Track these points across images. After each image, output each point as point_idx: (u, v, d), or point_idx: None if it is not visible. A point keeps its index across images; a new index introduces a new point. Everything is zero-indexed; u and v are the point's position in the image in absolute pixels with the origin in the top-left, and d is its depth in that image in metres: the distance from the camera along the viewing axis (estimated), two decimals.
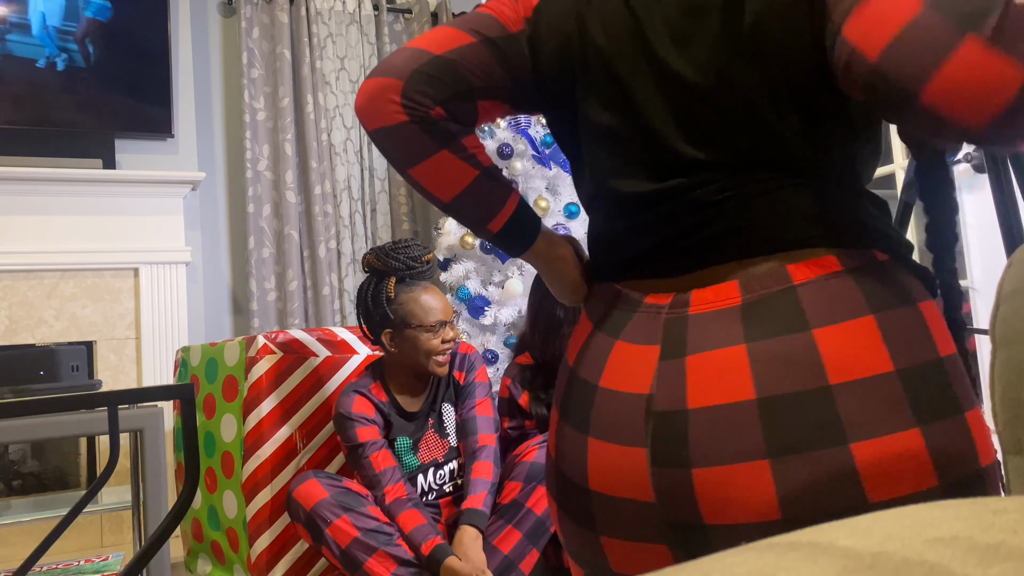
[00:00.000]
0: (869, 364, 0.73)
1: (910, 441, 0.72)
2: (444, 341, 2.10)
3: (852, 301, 0.77)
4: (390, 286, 2.09)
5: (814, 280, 0.77)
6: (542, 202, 3.16)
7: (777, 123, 0.79)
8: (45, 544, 1.18)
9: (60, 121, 3.24)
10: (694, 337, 0.79)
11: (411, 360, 2.11)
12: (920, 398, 0.73)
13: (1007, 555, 0.29)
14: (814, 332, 0.75)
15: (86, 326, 3.20)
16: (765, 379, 0.74)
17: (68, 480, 3.29)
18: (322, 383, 2.34)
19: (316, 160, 3.57)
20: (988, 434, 0.76)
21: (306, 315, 3.53)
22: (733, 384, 0.75)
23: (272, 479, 2.22)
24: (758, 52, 0.79)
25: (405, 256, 2.11)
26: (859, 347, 0.74)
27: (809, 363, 0.74)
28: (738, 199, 0.81)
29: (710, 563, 0.31)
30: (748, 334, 0.76)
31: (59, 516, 2.48)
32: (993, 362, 0.70)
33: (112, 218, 3.26)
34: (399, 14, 3.96)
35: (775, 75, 0.79)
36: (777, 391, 0.74)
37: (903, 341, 0.75)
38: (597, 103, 0.89)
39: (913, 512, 0.35)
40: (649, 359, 0.81)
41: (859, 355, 0.74)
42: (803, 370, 0.74)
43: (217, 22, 3.71)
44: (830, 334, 0.75)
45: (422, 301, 2.08)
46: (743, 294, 0.79)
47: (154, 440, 2.07)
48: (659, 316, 0.82)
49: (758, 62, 0.79)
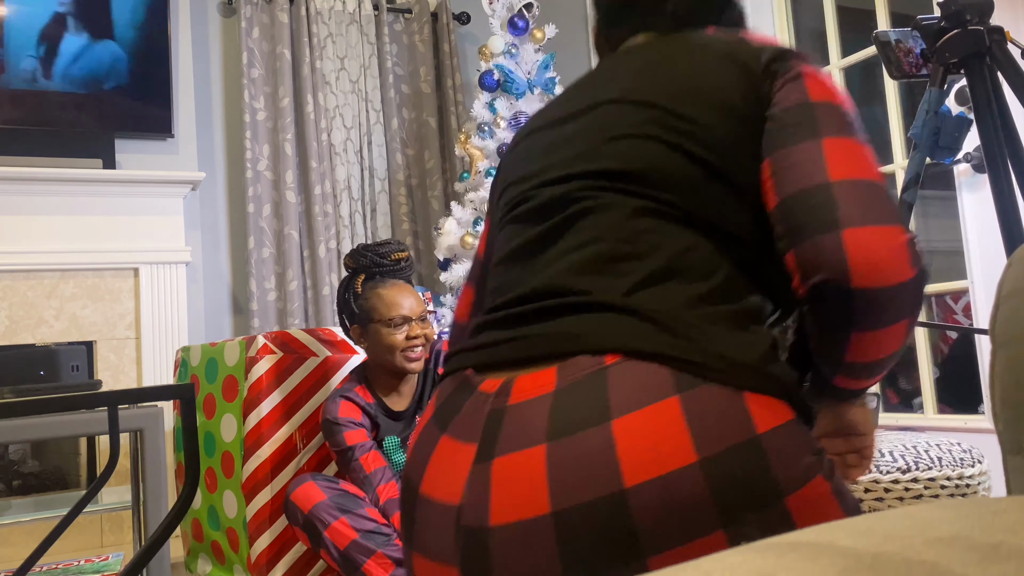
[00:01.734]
0: (668, 456, 0.68)
1: (713, 548, 0.67)
2: (410, 337, 2.09)
3: (659, 380, 0.71)
4: (358, 283, 2.12)
5: (623, 361, 0.73)
6: None
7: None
8: (45, 544, 1.18)
9: (60, 121, 3.24)
10: (506, 435, 0.74)
11: (380, 357, 2.11)
12: (726, 491, 0.67)
13: (1007, 555, 0.29)
14: (613, 423, 0.69)
15: (86, 326, 3.20)
16: (560, 488, 0.69)
17: (68, 480, 3.29)
18: (322, 383, 2.34)
19: (316, 160, 3.57)
20: (825, 511, 0.71)
21: (306, 315, 3.53)
22: (530, 495, 0.70)
23: (272, 479, 2.22)
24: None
25: (373, 253, 2.13)
26: (659, 436, 0.68)
27: (605, 463, 0.68)
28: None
29: (710, 563, 0.31)
30: (551, 430, 0.71)
31: (59, 516, 2.48)
32: (993, 362, 0.70)
33: (112, 218, 3.26)
34: (399, 14, 3.96)
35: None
36: (571, 502, 0.68)
37: (710, 422, 0.69)
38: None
39: (913, 512, 0.35)
40: (465, 461, 0.76)
41: (658, 446, 0.68)
42: (599, 472, 0.68)
43: (217, 22, 3.71)
44: (629, 424, 0.69)
45: (384, 296, 2.08)
46: (558, 381, 0.74)
47: (154, 440, 2.07)
48: (484, 407, 0.77)
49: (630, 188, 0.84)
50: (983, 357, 2.35)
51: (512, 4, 3.38)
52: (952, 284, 2.48)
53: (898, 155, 2.61)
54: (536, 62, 3.37)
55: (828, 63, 2.81)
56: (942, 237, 2.75)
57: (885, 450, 1.62)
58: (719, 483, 0.67)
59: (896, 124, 2.61)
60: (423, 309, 2.13)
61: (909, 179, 1.43)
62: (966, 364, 2.64)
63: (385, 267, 2.13)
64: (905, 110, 2.62)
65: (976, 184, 2.35)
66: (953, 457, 1.61)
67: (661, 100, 0.86)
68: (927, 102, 1.43)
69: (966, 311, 2.68)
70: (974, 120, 1.41)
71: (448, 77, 3.92)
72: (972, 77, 1.39)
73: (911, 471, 1.56)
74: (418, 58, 3.89)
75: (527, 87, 3.30)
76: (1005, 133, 1.36)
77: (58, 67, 3.24)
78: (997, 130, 1.36)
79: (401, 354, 2.08)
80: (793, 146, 0.81)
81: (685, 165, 0.83)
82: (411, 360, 2.09)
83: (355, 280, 2.13)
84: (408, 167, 3.83)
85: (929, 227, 2.87)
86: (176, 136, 3.53)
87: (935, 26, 1.42)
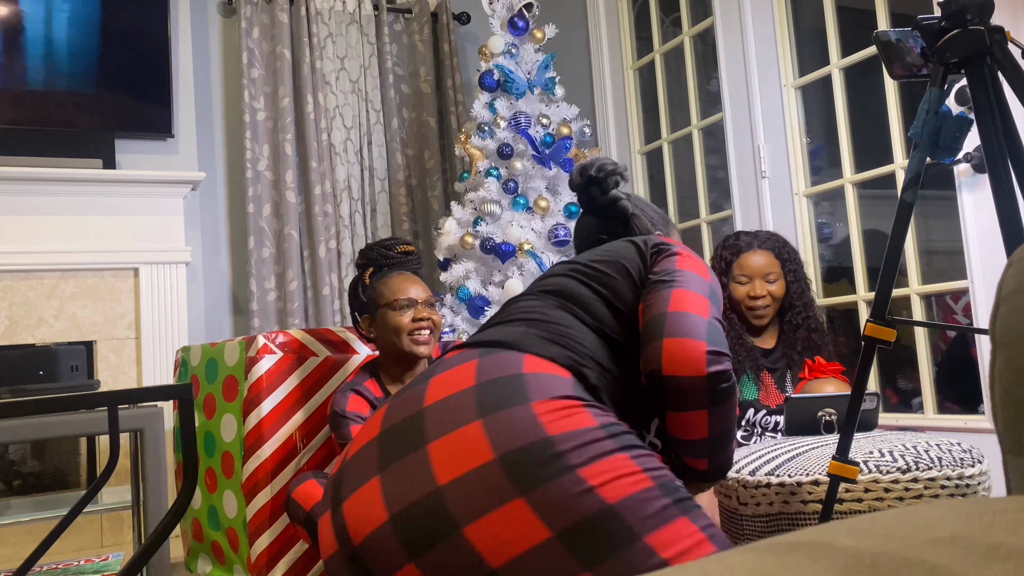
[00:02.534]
0: (577, 423, 1.09)
1: (608, 453, 1.08)
2: (417, 319, 2.11)
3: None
4: (367, 275, 2.19)
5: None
6: (542, 202, 3.16)
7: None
8: (45, 544, 1.18)
9: (60, 121, 3.24)
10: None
11: (390, 344, 2.13)
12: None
13: (1007, 555, 0.29)
14: (532, 404, 1.09)
15: (86, 326, 3.20)
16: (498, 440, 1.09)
17: (68, 480, 3.29)
18: (322, 383, 2.34)
19: (316, 160, 3.57)
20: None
21: (306, 315, 3.53)
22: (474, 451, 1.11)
23: (272, 479, 2.22)
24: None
25: (380, 247, 2.21)
26: (564, 409, 1.11)
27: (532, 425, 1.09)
28: None
29: (710, 563, 0.31)
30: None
31: (59, 516, 2.48)
32: (993, 362, 0.70)
33: (112, 218, 3.26)
34: (399, 14, 3.96)
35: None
36: (511, 447, 1.07)
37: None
38: None
39: (913, 512, 0.35)
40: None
41: (567, 417, 1.09)
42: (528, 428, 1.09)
43: (217, 22, 3.71)
44: (545, 405, 1.10)
45: (390, 282, 2.14)
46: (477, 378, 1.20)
47: (154, 440, 2.07)
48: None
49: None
50: (983, 357, 2.35)
51: (512, 4, 3.38)
52: (952, 284, 2.48)
53: (898, 155, 2.61)
54: (536, 62, 3.37)
55: (828, 63, 2.81)
56: (942, 237, 2.74)
57: (885, 450, 1.62)
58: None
59: (896, 124, 2.61)
60: (429, 295, 2.17)
61: (909, 179, 1.43)
62: (965, 364, 2.64)
63: (392, 259, 2.20)
64: (905, 110, 2.62)
65: (976, 184, 2.34)
66: (953, 457, 1.61)
67: (583, 260, 1.41)
68: (927, 102, 1.42)
69: (966, 311, 2.68)
70: (974, 120, 1.41)
71: (448, 77, 3.92)
72: (972, 77, 1.39)
73: (911, 471, 1.56)
74: (418, 58, 3.89)
75: (527, 87, 3.30)
76: (1005, 133, 1.36)
77: (58, 67, 3.24)
78: (997, 130, 1.36)
79: (408, 337, 2.10)
80: (656, 292, 1.28)
81: (588, 292, 1.34)
82: (419, 343, 2.12)
83: (364, 273, 2.20)
84: (408, 167, 3.83)
85: (929, 227, 2.87)
86: (176, 136, 3.53)
87: (935, 26, 1.42)
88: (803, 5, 2.98)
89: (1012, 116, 1.38)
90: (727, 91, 3.13)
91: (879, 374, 2.86)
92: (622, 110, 3.74)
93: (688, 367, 1.17)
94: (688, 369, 1.17)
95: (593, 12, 3.86)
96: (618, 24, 3.76)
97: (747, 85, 3.04)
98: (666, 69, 3.57)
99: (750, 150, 3.03)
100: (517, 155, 3.21)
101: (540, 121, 3.25)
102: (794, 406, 1.95)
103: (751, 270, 2.42)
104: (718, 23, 3.16)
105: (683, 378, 1.17)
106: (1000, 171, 1.35)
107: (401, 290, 2.12)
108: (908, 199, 1.43)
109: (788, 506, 1.61)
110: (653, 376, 1.20)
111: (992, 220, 2.24)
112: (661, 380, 1.19)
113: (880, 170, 2.67)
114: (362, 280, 2.19)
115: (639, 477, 1.03)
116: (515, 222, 3.10)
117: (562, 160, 3.24)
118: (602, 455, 1.03)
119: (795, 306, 2.46)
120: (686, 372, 1.17)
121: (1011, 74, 1.34)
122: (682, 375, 1.17)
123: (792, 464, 1.65)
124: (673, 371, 1.17)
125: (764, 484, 1.63)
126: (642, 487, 1.02)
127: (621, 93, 3.75)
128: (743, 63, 3.05)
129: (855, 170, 2.77)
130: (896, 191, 2.56)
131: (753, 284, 2.42)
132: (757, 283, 2.42)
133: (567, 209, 3.19)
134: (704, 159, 3.38)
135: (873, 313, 1.43)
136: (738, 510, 1.69)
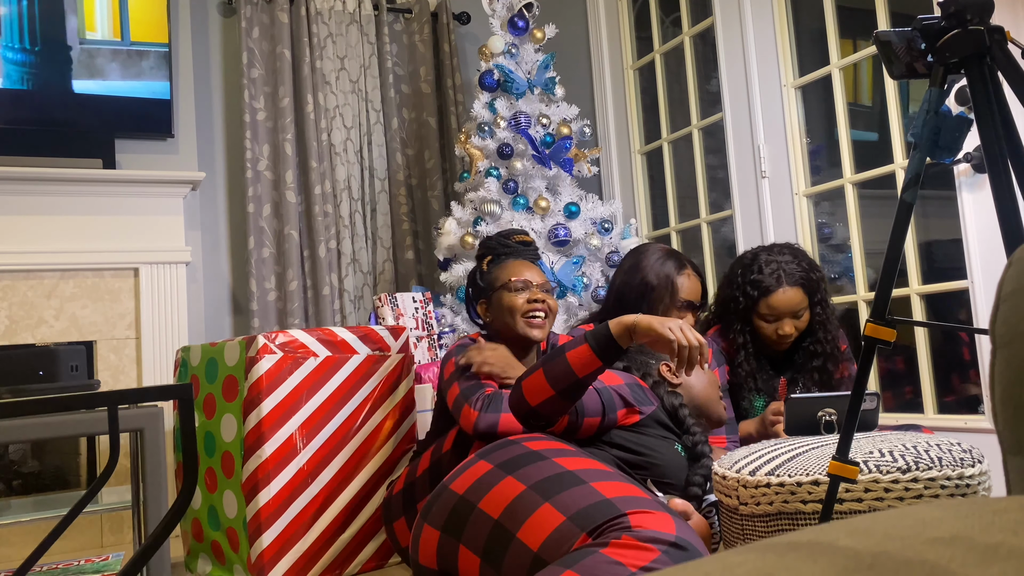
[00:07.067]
0: None
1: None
2: (532, 301, 2.12)
3: None
4: (484, 263, 2.26)
5: None
6: (542, 202, 3.16)
7: None
8: (45, 544, 1.18)
9: (60, 121, 3.24)
10: None
11: (504, 327, 2.14)
12: None
13: (1007, 555, 0.29)
14: None
15: (86, 326, 3.20)
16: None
17: (68, 480, 3.29)
18: (322, 383, 2.34)
19: (316, 160, 3.57)
20: None
21: (306, 315, 3.53)
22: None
23: (272, 479, 2.22)
24: None
25: (498, 236, 2.29)
26: None
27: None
28: None
29: (710, 563, 0.31)
30: None
31: (59, 516, 2.48)
32: (993, 362, 0.70)
33: (112, 218, 3.26)
34: (399, 14, 3.96)
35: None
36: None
37: None
38: None
39: (913, 512, 0.35)
40: None
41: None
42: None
43: (217, 22, 3.71)
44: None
45: (508, 267, 2.19)
46: None
47: (154, 440, 2.07)
48: None
49: None
50: (983, 357, 2.35)
51: (512, 4, 3.38)
52: (952, 284, 2.48)
53: (898, 155, 2.61)
54: (536, 62, 3.37)
55: (828, 63, 2.81)
56: (942, 237, 2.74)
57: (885, 450, 1.62)
58: None
59: (896, 124, 2.61)
60: (545, 281, 2.19)
61: (909, 179, 1.43)
62: (964, 363, 2.64)
63: (509, 247, 2.25)
64: (905, 110, 2.62)
65: (976, 184, 2.35)
66: (953, 457, 1.61)
67: None
68: (927, 102, 1.42)
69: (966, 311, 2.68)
70: (974, 120, 1.41)
71: (448, 77, 3.92)
72: (972, 77, 1.39)
73: (911, 471, 1.56)
74: (418, 58, 3.89)
75: (527, 87, 3.30)
76: (1005, 133, 1.36)
77: (58, 67, 3.24)
78: (997, 130, 1.36)
79: (523, 318, 2.12)
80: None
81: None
82: (533, 326, 2.13)
83: (482, 262, 2.27)
84: (408, 167, 3.83)
85: (929, 227, 2.87)
86: (176, 136, 3.52)
87: (935, 26, 1.42)
88: (803, 5, 2.98)
89: (1012, 116, 1.38)
90: (727, 91, 3.13)
91: (878, 376, 2.86)
92: (622, 110, 3.74)
93: (464, 424, 1.94)
94: (465, 426, 1.94)
95: (593, 12, 3.86)
96: (618, 24, 3.76)
97: (747, 85, 3.04)
98: (666, 69, 3.57)
99: (750, 150, 3.03)
100: (517, 155, 3.21)
101: (540, 121, 3.25)
102: (794, 406, 1.95)
103: (780, 311, 2.29)
104: (718, 23, 3.16)
105: (465, 429, 1.95)
106: (1000, 171, 1.35)
107: (517, 273, 2.16)
108: (908, 199, 1.43)
109: (788, 506, 1.61)
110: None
111: (992, 220, 2.24)
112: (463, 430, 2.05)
113: (880, 170, 2.67)
114: (480, 267, 2.25)
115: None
116: (515, 222, 3.10)
117: (562, 160, 3.24)
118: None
119: (815, 332, 2.35)
120: (465, 428, 1.93)
121: (1011, 74, 1.34)
122: (464, 427, 1.95)
123: (792, 464, 1.65)
124: (463, 426, 1.98)
125: (764, 484, 1.63)
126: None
127: (621, 93, 3.75)
128: (743, 63, 3.05)
129: (855, 170, 2.77)
130: (896, 191, 2.56)
131: (782, 324, 2.30)
132: (786, 323, 2.30)
133: (567, 209, 3.19)
134: (704, 159, 3.38)
135: (873, 313, 1.43)
136: (738, 510, 1.69)
